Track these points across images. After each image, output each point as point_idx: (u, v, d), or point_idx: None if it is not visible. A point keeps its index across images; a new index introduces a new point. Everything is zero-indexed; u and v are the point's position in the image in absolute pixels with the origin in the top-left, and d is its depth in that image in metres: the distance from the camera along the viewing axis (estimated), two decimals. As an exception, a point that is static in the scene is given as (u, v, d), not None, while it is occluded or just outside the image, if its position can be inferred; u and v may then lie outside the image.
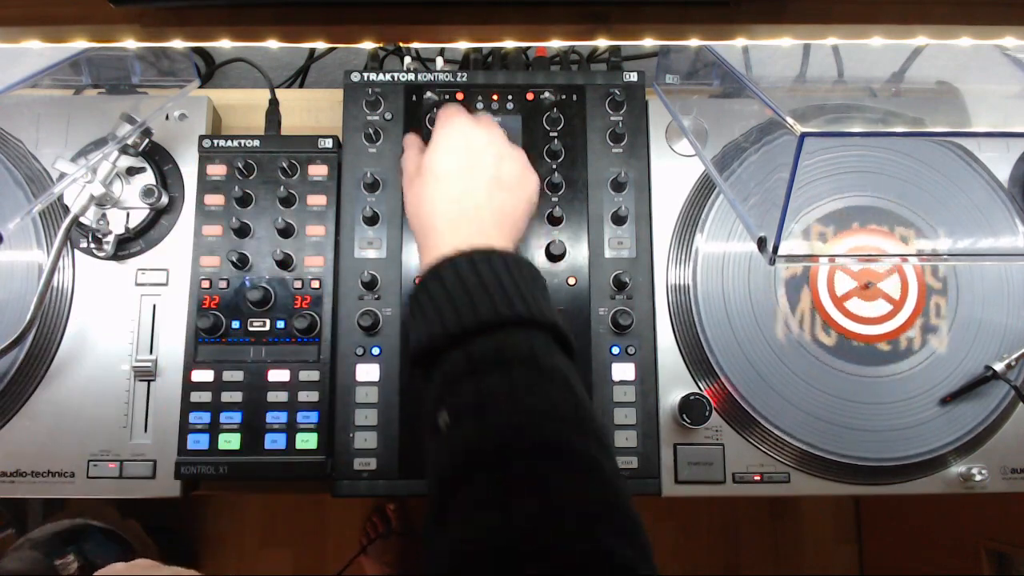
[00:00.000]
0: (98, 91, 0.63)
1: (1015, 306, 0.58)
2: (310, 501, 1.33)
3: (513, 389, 0.38)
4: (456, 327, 0.40)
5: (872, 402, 0.57)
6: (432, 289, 0.43)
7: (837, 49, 0.60)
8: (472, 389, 0.38)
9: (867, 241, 0.59)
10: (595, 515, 0.34)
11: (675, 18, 0.47)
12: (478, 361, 0.39)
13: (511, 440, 0.36)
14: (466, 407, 0.38)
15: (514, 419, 0.37)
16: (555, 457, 0.36)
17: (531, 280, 0.44)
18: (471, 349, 0.40)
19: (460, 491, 0.36)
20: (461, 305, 0.41)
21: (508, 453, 0.36)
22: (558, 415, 0.37)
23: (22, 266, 0.57)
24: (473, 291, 0.41)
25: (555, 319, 0.43)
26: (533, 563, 0.32)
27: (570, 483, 0.35)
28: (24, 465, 0.55)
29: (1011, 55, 0.51)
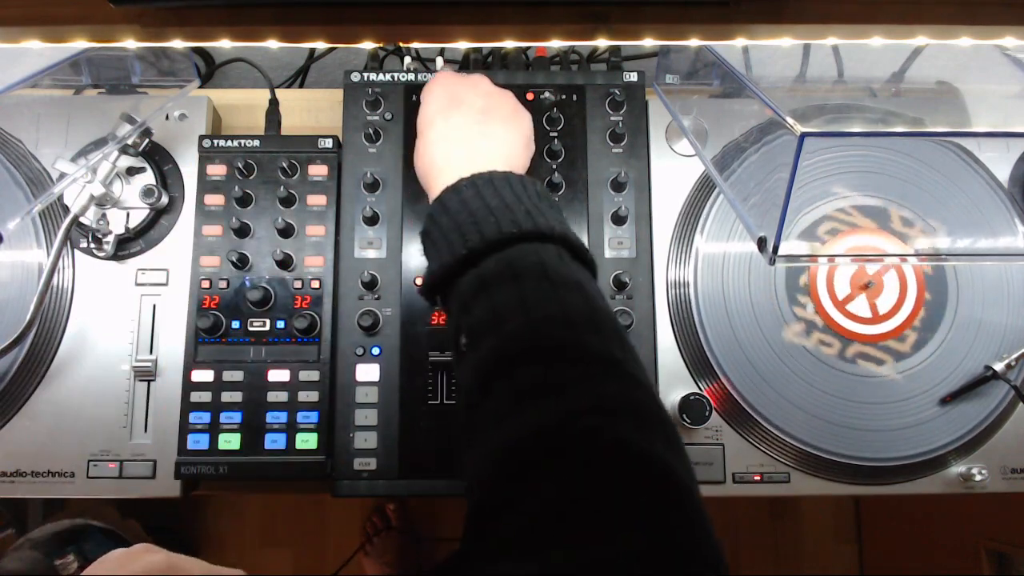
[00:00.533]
0: (98, 91, 0.63)
1: (1015, 306, 0.58)
2: (310, 501, 1.33)
3: (523, 299, 0.37)
4: (462, 250, 0.40)
5: (872, 402, 0.57)
6: (438, 219, 0.42)
7: (837, 49, 0.60)
8: (485, 306, 0.38)
9: (867, 241, 0.59)
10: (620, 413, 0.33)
11: (675, 18, 0.47)
12: (488, 279, 0.39)
13: (525, 347, 0.36)
14: (480, 324, 0.38)
15: (527, 326, 0.36)
16: (572, 360, 0.35)
17: (535, 195, 0.43)
18: (481, 270, 0.39)
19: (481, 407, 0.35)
20: (467, 228, 0.40)
21: (523, 360, 0.35)
22: (571, 319, 0.37)
23: (22, 266, 0.57)
24: (477, 213, 0.41)
25: (564, 230, 0.42)
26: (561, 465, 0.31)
27: (589, 384, 0.34)
28: (24, 465, 0.55)
29: (1011, 55, 0.51)
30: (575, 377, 0.34)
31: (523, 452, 0.32)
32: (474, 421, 0.36)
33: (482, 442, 0.35)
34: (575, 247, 0.42)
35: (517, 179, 0.44)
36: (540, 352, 0.36)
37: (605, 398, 0.33)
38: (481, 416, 0.35)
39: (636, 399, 0.34)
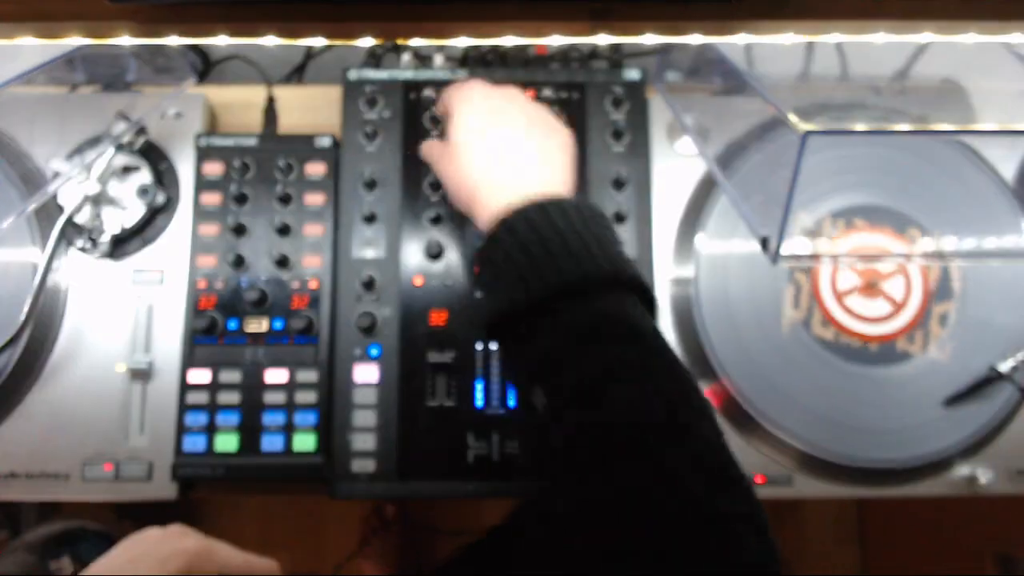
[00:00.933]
0: (93, 89, 0.62)
1: (1021, 306, 0.58)
2: (308, 502, 1.33)
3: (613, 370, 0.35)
4: (541, 292, 0.37)
5: (876, 403, 0.57)
6: (508, 248, 0.39)
7: (841, 46, 0.60)
8: (570, 370, 0.36)
9: (871, 240, 0.58)
10: (733, 519, 0.32)
11: (677, 15, 0.47)
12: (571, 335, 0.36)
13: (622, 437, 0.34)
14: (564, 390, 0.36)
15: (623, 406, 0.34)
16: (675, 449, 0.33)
17: (607, 230, 0.41)
18: (563, 318, 0.37)
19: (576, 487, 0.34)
20: (545, 266, 0.37)
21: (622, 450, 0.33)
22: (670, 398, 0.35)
23: (16, 266, 0.56)
24: (555, 248, 0.38)
25: (637, 273, 0.39)
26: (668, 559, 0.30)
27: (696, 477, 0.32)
28: (18, 467, 0.55)
29: (1017, 52, 0.51)
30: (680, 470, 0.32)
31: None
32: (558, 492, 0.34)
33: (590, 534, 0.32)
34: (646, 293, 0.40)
35: (587, 209, 0.41)
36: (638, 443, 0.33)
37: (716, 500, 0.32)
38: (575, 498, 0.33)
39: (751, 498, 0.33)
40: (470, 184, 0.45)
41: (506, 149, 0.45)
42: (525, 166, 0.44)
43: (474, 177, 0.45)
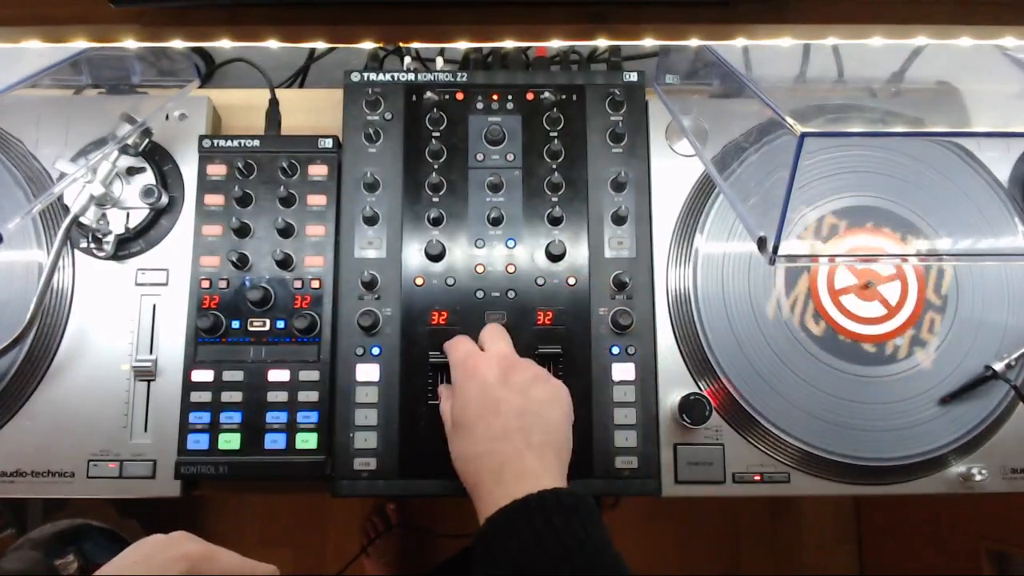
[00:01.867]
0: (98, 91, 0.63)
1: (1015, 306, 0.58)
2: (310, 501, 1.33)
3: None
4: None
5: (872, 402, 0.57)
6: (494, 552, 0.42)
7: (837, 49, 0.60)
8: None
9: (867, 241, 0.59)
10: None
11: (675, 18, 0.47)
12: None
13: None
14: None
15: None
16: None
17: (597, 526, 0.44)
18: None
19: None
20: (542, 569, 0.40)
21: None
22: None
23: (22, 266, 0.57)
24: (551, 551, 0.41)
25: None
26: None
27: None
28: (24, 465, 0.55)
29: (1011, 55, 0.51)
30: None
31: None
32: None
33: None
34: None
35: (586, 510, 0.44)
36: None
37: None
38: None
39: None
40: (470, 476, 0.48)
41: (500, 443, 0.47)
42: (519, 459, 0.47)
43: (473, 470, 0.48)
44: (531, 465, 0.46)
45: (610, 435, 0.56)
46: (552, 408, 0.50)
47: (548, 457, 0.48)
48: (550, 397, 0.51)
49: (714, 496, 0.56)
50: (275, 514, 1.33)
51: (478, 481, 0.47)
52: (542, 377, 0.52)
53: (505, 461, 0.47)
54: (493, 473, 0.47)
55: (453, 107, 0.60)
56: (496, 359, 0.52)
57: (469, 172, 0.60)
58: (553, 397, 0.51)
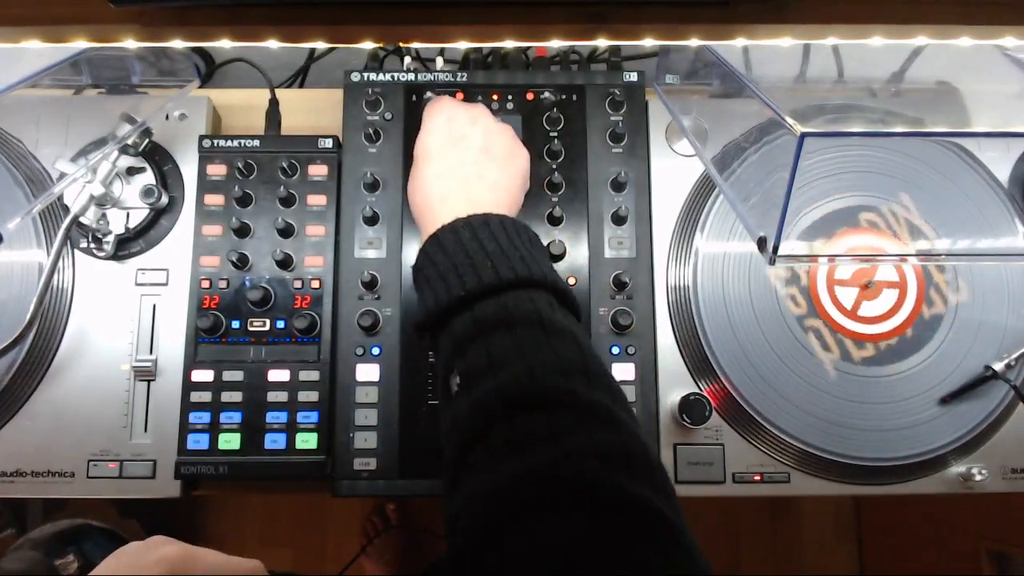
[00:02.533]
0: (98, 91, 0.63)
1: (1015, 306, 0.58)
2: (310, 501, 1.33)
3: (519, 346, 0.38)
4: (460, 291, 0.41)
5: (872, 402, 0.57)
6: (434, 257, 0.44)
7: (837, 49, 0.60)
8: (480, 350, 0.39)
9: (867, 241, 0.59)
10: (612, 459, 0.34)
11: (675, 18, 0.47)
12: (483, 323, 0.40)
13: (522, 394, 0.37)
14: (475, 368, 0.39)
15: (523, 374, 0.37)
16: (566, 407, 0.36)
17: (528, 242, 0.45)
18: (476, 312, 0.41)
19: (475, 448, 0.36)
20: (464, 270, 0.42)
21: (520, 406, 0.36)
22: (566, 368, 0.38)
23: (22, 266, 0.57)
24: (475, 256, 0.42)
25: (555, 278, 0.44)
26: (552, 508, 0.32)
27: (584, 430, 0.35)
28: (24, 465, 0.55)
29: (1011, 55, 0.51)
30: (569, 424, 0.35)
31: (517, 494, 0.33)
32: (465, 460, 0.37)
33: (473, 483, 0.35)
34: (564, 294, 0.44)
35: (511, 224, 0.45)
36: (536, 399, 0.36)
37: (598, 444, 0.34)
38: (474, 457, 0.36)
39: (627, 445, 0.35)
40: (422, 201, 0.49)
41: (460, 172, 0.49)
42: (474, 189, 0.48)
43: (426, 195, 0.49)
44: (481, 194, 0.48)
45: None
46: (512, 161, 0.51)
47: (500, 195, 0.49)
48: (513, 151, 0.52)
49: (714, 496, 0.56)
50: (275, 514, 1.33)
51: (426, 207, 0.48)
52: (510, 135, 0.53)
53: (455, 188, 0.48)
54: (442, 196, 0.48)
55: (453, 107, 0.60)
56: (472, 108, 0.54)
57: (469, 172, 0.59)
58: (516, 153, 0.52)
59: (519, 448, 0.35)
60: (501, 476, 0.34)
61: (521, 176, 0.52)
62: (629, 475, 0.33)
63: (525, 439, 0.35)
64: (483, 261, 0.42)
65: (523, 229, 0.46)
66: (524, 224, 0.46)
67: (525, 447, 0.34)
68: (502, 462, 0.34)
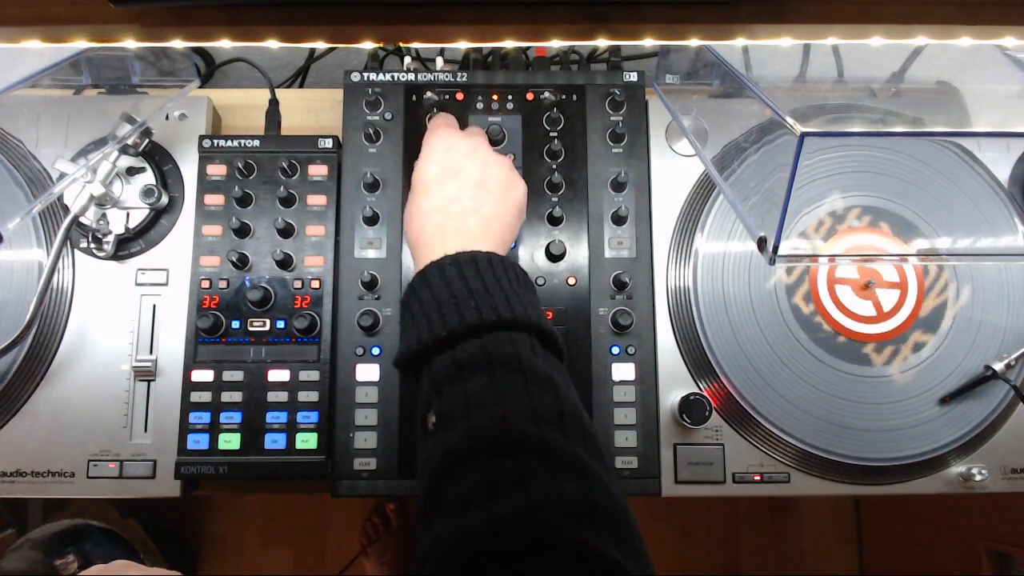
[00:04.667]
0: (98, 91, 0.63)
1: (1015, 306, 0.59)
2: (310, 501, 1.33)
3: (495, 390, 0.38)
4: (441, 331, 0.41)
5: (872, 402, 0.57)
6: (420, 294, 0.44)
7: (837, 49, 0.60)
8: (457, 391, 0.39)
9: (867, 241, 0.59)
10: (578, 513, 0.33)
11: (675, 18, 0.47)
12: (463, 364, 0.40)
13: (493, 439, 0.37)
14: (451, 408, 0.39)
15: (496, 419, 0.37)
16: (537, 455, 0.36)
17: (515, 281, 0.45)
18: (457, 353, 0.41)
19: (444, 490, 0.36)
20: (447, 309, 0.42)
21: (490, 452, 0.36)
22: (540, 415, 0.38)
23: (22, 266, 0.57)
24: (459, 295, 0.42)
25: (539, 319, 0.43)
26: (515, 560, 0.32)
27: (552, 481, 0.35)
28: (24, 465, 0.55)
29: (1011, 55, 0.51)
30: (538, 473, 0.35)
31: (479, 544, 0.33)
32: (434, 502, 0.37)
33: (438, 527, 0.35)
34: (547, 335, 0.43)
35: (499, 262, 0.45)
36: (506, 445, 0.36)
37: (565, 497, 0.34)
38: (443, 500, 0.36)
39: (594, 499, 0.35)
40: (416, 233, 0.49)
41: (455, 207, 0.48)
42: (467, 224, 0.48)
43: (421, 228, 0.48)
44: (474, 228, 0.47)
45: (610, 435, 0.56)
46: (508, 192, 0.51)
47: (493, 230, 0.48)
48: (509, 183, 0.52)
49: (714, 496, 0.56)
50: (275, 514, 1.33)
51: (420, 239, 0.48)
52: (508, 166, 0.53)
53: (450, 220, 0.48)
54: (437, 227, 0.48)
55: (453, 107, 0.60)
56: (471, 137, 0.53)
57: (469, 172, 0.59)
58: (512, 185, 0.52)
59: (485, 494, 0.34)
60: (465, 523, 0.34)
61: (517, 208, 0.51)
62: (593, 529, 0.33)
63: (492, 485, 0.35)
64: (467, 301, 0.42)
65: (511, 267, 0.45)
66: (512, 262, 0.46)
67: (492, 494, 0.34)
68: (468, 507, 0.34)
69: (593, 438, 0.39)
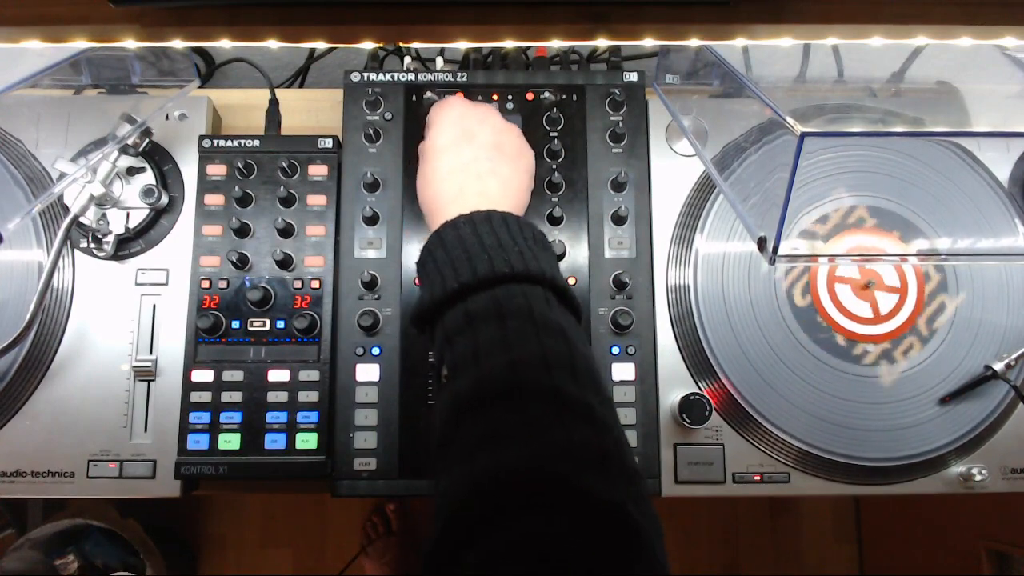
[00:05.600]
0: (98, 91, 0.63)
1: (1015, 306, 0.59)
2: (310, 501, 1.33)
3: (506, 339, 0.38)
4: (454, 284, 0.41)
5: (872, 402, 0.57)
6: (434, 252, 0.44)
7: (837, 49, 0.60)
8: (468, 341, 0.39)
9: (867, 241, 0.59)
10: (586, 458, 0.33)
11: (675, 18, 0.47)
12: (473, 315, 0.40)
13: (502, 386, 0.37)
14: (463, 359, 0.39)
15: (506, 367, 0.37)
16: (545, 401, 0.36)
17: (530, 237, 0.45)
18: (468, 305, 0.41)
19: (456, 438, 0.36)
20: (460, 264, 0.42)
21: (498, 398, 0.36)
22: (551, 363, 0.37)
23: (22, 266, 0.57)
24: (471, 250, 0.42)
25: (553, 273, 0.43)
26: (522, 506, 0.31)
27: (561, 427, 0.35)
28: (24, 465, 0.55)
29: (1011, 55, 0.51)
30: (547, 421, 0.35)
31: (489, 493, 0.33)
32: (444, 452, 0.37)
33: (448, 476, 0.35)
34: (563, 291, 0.43)
35: (515, 220, 0.45)
36: (514, 393, 0.36)
37: (574, 445, 0.34)
38: (453, 449, 0.36)
39: (605, 447, 0.35)
40: (429, 195, 0.49)
41: (471, 169, 0.49)
42: (484, 185, 0.48)
43: (437, 191, 0.48)
44: (493, 190, 0.48)
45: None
46: (521, 159, 0.52)
47: (511, 192, 0.49)
48: (521, 151, 0.52)
49: (714, 496, 0.56)
50: (275, 514, 1.33)
51: (437, 203, 0.48)
52: (518, 133, 0.53)
53: (469, 180, 0.48)
54: (456, 188, 0.48)
55: (453, 107, 0.60)
56: (482, 106, 0.54)
57: (469, 172, 0.59)
58: (524, 153, 0.52)
59: (491, 442, 0.34)
60: (473, 472, 0.34)
61: (528, 174, 0.52)
62: (603, 477, 0.33)
63: (497, 433, 0.35)
64: (480, 254, 0.42)
65: (526, 225, 0.45)
66: (529, 222, 0.46)
67: (498, 441, 0.34)
68: (475, 455, 0.34)
69: (606, 392, 0.39)
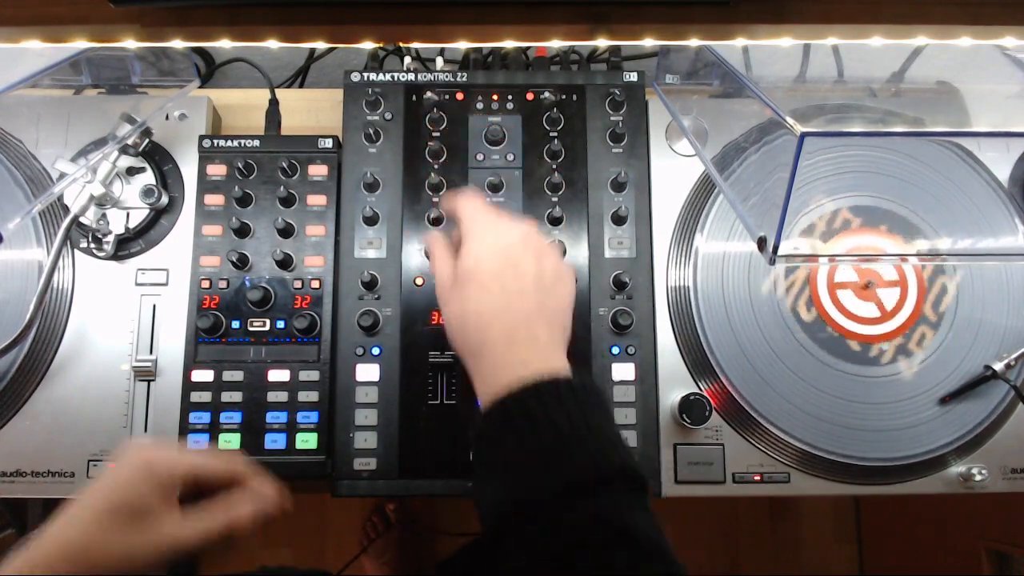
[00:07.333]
0: (98, 91, 0.63)
1: (1015, 306, 0.58)
2: (310, 501, 1.33)
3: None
4: (540, 491, 0.38)
5: (872, 402, 0.57)
6: (504, 439, 0.40)
7: (837, 49, 0.60)
8: (564, 566, 0.36)
9: (867, 241, 0.59)
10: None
11: (675, 18, 0.48)
12: (560, 538, 0.36)
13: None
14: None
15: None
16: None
17: (602, 412, 0.42)
18: (553, 518, 0.37)
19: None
20: (542, 462, 0.38)
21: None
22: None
23: (22, 266, 0.57)
24: (548, 443, 0.39)
25: (631, 465, 0.40)
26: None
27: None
28: (24, 465, 0.55)
29: (1011, 55, 0.51)
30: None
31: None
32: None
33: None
34: (638, 480, 0.40)
35: (581, 389, 0.41)
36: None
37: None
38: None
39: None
40: (475, 337, 0.44)
41: (518, 308, 0.44)
42: (533, 332, 0.44)
43: (482, 330, 0.44)
44: (542, 334, 0.43)
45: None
46: (563, 286, 0.47)
47: (556, 331, 0.45)
48: (561, 275, 0.47)
49: (714, 496, 0.56)
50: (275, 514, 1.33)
51: (485, 341, 0.43)
52: (558, 255, 0.49)
53: (519, 323, 0.43)
54: (505, 333, 0.43)
55: (453, 107, 0.61)
56: (518, 222, 0.48)
57: (469, 172, 0.60)
58: (565, 277, 0.47)
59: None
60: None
61: (569, 300, 0.47)
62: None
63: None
64: (558, 452, 0.38)
65: (594, 394, 0.42)
66: (590, 382, 0.43)
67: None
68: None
69: None
